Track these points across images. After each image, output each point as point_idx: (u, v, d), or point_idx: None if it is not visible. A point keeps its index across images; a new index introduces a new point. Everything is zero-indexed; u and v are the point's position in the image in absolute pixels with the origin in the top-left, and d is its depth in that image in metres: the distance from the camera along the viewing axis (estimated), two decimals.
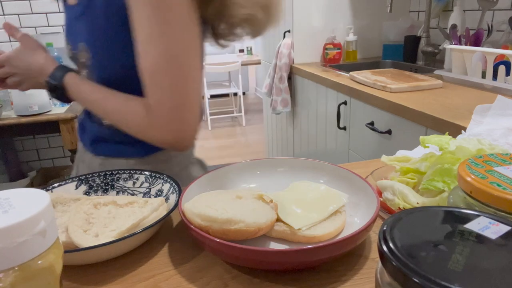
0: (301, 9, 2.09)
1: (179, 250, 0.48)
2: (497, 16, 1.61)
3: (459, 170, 0.36)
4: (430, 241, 0.25)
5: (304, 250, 0.38)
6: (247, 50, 4.76)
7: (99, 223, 0.48)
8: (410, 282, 0.22)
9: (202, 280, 0.42)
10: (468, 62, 1.38)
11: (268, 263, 0.41)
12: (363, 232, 0.41)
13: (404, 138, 1.26)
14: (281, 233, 0.46)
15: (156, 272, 0.44)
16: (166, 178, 0.58)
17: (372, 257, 0.44)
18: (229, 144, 4.06)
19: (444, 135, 0.54)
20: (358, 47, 2.18)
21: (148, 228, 0.45)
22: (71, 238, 0.45)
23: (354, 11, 2.15)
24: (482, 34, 1.47)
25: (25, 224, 0.23)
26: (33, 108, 1.80)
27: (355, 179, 0.53)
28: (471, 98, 1.23)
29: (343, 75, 1.74)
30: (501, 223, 0.27)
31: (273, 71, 2.28)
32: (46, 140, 2.53)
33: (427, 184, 0.47)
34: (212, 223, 0.42)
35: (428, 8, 1.86)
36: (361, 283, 0.40)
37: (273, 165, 0.61)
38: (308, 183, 0.55)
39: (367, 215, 0.46)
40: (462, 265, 0.23)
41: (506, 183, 0.33)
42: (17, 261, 0.23)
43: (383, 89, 1.39)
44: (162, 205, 0.51)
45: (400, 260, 0.23)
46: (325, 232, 0.45)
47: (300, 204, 0.49)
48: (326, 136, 1.88)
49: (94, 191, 0.60)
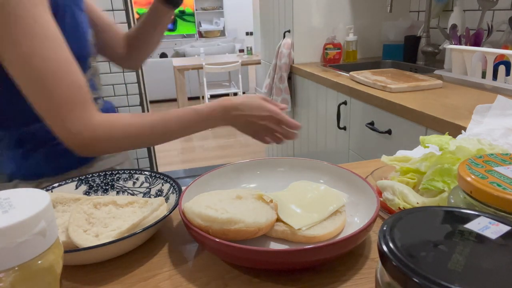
0: (301, 9, 2.09)
1: (179, 250, 0.48)
2: (497, 16, 1.61)
3: (459, 170, 0.36)
4: (430, 241, 0.25)
5: (304, 250, 0.38)
6: (247, 50, 4.76)
7: (99, 223, 0.48)
8: (410, 282, 0.22)
9: (202, 280, 0.42)
10: (468, 62, 1.38)
11: (268, 263, 0.41)
12: (363, 232, 0.41)
13: (404, 138, 1.26)
14: (281, 233, 0.46)
15: (156, 272, 0.44)
16: (166, 178, 0.58)
17: (372, 257, 0.44)
18: (229, 144, 4.06)
19: (444, 135, 0.54)
20: (358, 47, 2.17)
21: (148, 228, 0.45)
22: (71, 238, 0.45)
23: (354, 11, 2.15)
24: (482, 34, 1.47)
25: (25, 224, 0.23)
26: None
27: (355, 179, 0.53)
28: (471, 98, 1.23)
29: (343, 75, 1.74)
30: (501, 223, 0.27)
31: (273, 71, 2.28)
32: None
33: (427, 184, 0.47)
34: (212, 223, 0.42)
35: (428, 8, 1.86)
36: (361, 283, 0.40)
37: (273, 165, 0.61)
38: (308, 183, 0.55)
39: (367, 215, 0.46)
40: (462, 265, 0.22)
41: (506, 183, 0.33)
42: (17, 261, 0.23)
43: (383, 89, 1.39)
44: (162, 205, 0.51)
45: (400, 260, 0.23)
46: (325, 232, 0.45)
47: (300, 204, 0.49)
48: (326, 136, 1.88)
49: (94, 191, 0.60)
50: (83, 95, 0.62)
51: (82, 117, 0.61)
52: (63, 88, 0.60)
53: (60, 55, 0.60)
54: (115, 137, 0.64)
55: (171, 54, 6.36)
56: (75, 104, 0.61)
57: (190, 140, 4.25)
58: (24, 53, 0.58)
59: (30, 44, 0.58)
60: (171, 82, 5.41)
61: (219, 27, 7.89)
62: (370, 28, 2.20)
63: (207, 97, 4.48)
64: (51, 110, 0.60)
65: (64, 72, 0.60)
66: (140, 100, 2.60)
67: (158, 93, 5.68)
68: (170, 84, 5.50)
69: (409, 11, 2.20)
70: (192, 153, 3.85)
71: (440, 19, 1.93)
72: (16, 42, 0.57)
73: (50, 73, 0.59)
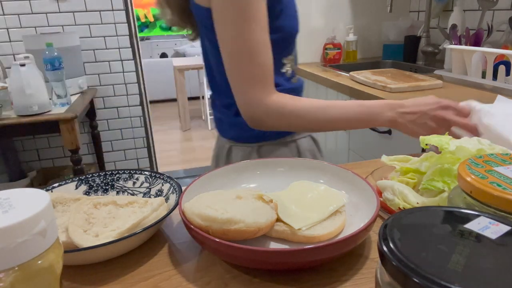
0: (301, 9, 2.08)
1: (179, 250, 0.48)
2: (497, 16, 1.61)
3: (459, 170, 0.36)
4: (430, 241, 0.25)
5: (304, 250, 0.38)
6: None
7: (99, 223, 0.48)
8: (410, 282, 0.22)
9: (202, 280, 0.42)
10: (468, 62, 1.38)
11: (268, 263, 0.41)
12: (363, 232, 0.41)
13: (404, 138, 1.26)
14: (281, 233, 0.46)
15: (156, 272, 0.44)
16: (166, 178, 0.58)
17: (372, 257, 0.44)
18: None
19: (444, 135, 0.54)
20: (358, 47, 2.18)
21: (148, 228, 0.45)
22: (71, 238, 0.45)
23: (354, 11, 2.15)
24: (482, 34, 1.47)
25: (25, 224, 0.23)
26: (33, 108, 1.80)
27: (355, 179, 0.53)
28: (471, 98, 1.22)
29: (343, 75, 1.74)
30: (501, 223, 0.27)
31: None
32: (46, 140, 2.53)
33: (427, 184, 0.47)
34: (212, 223, 0.42)
35: (428, 8, 1.86)
36: (361, 283, 0.40)
37: (273, 165, 0.61)
38: (308, 183, 0.55)
39: (367, 215, 0.46)
40: (462, 265, 0.22)
41: (506, 183, 0.33)
42: (17, 261, 0.23)
43: (383, 89, 1.39)
44: (162, 205, 0.51)
45: (400, 260, 0.23)
46: (325, 232, 0.45)
47: (300, 204, 0.49)
48: (326, 136, 1.88)
49: (94, 191, 0.60)
50: (266, 75, 0.71)
51: (261, 93, 0.71)
52: (252, 67, 0.69)
53: (259, 37, 0.69)
54: (284, 116, 0.73)
55: (171, 54, 6.36)
56: (257, 82, 0.70)
57: (190, 140, 4.25)
58: (232, 35, 0.68)
59: (240, 26, 0.67)
60: (171, 82, 5.41)
61: None
62: (370, 28, 2.20)
63: (207, 97, 4.48)
64: (238, 84, 0.72)
65: (257, 53, 0.69)
66: (140, 100, 2.60)
67: (158, 93, 5.68)
68: (170, 84, 5.50)
69: (409, 11, 2.20)
70: (192, 153, 3.85)
71: (440, 19, 1.93)
72: (228, 23, 0.68)
73: (246, 52, 0.69)
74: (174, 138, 4.33)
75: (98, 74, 2.49)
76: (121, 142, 2.67)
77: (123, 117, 2.61)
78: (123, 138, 2.66)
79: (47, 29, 2.31)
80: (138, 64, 2.53)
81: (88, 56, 2.42)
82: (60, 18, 2.33)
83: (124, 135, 2.66)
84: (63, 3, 2.31)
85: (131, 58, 2.50)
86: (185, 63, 4.55)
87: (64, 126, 1.84)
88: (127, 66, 2.51)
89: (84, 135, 2.57)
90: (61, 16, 2.33)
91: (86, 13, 2.35)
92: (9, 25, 2.27)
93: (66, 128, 1.85)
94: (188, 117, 4.62)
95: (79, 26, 2.36)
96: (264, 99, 0.71)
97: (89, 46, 2.41)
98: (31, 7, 2.27)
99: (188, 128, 4.61)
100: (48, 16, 2.31)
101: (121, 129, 2.64)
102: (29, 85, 1.75)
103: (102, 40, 2.42)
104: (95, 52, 2.44)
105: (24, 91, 1.75)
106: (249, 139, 0.86)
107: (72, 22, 2.35)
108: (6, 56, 2.29)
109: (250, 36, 0.68)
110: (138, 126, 2.65)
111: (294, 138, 0.88)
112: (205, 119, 4.76)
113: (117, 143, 2.66)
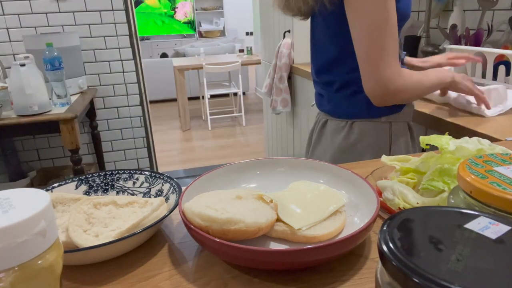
0: None
1: (179, 250, 0.48)
2: (497, 16, 1.61)
3: (459, 170, 0.36)
4: (430, 241, 0.25)
5: (304, 250, 0.38)
6: (247, 50, 4.76)
7: (99, 223, 0.48)
8: (410, 282, 0.22)
9: (202, 280, 0.42)
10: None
11: (268, 263, 0.41)
12: (363, 232, 0.41)
13: None
14: (281, 233, 0.46)
15: (156, 272, 0.44)
16: (166, 178, 0.58)
17: (372, 257, 0.44)
18: (229, 144, 4.06)
19: (444, 135, 0.54)
20: None
21: (148, 228, 0.45)
22: (71, 238, 0.45)
23: None
24: (482, 34, 1.47)
25: (25, 224, 0.23)
26: (33, 108, 1.80)
27: (355, 179, 0.53)
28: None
29: None
30: (501, 223, 0.27)
31: (273, 71, 2.28)
32: (46, 140, 2.53)
33: (427, 184, 0.47)
34: (212, 223, 0.42)
35: (428, 8, 1.86)
36: (361, 283, 0.40)
37: (273, 165, 0.61)
38: (308, 183, 0.55)
39: (367, 215, 0.46)
40: (462, 265, 0.22)
41: (506, 183, 0.33)
42: (17, 261, 0.23)
43: None
44: (162, 205, 0.51)
45: (400, 260, 0.23)
46: (325, 232, 0.45)
47: (300, 204, 0.49)
48: None
49: (94, 191, 0.60)
50: (397, 49, 0.82)
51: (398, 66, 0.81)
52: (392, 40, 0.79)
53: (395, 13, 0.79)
54: (415, 86, 0.85)
55: (171, 54, 6.36)
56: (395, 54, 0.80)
57: (190, 140, 4.25)
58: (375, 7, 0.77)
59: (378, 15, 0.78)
60: (171, 82, 5.41)
61: (219, 27, 7.89)
62: None
63: (207, 97, 4.48)
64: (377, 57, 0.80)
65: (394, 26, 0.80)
66: (140, 100, 2.60)
67: (158, 93, 5.68)
68: (170, 84, 5.50)
69: None
70: (192, 153, 3.85)
71: (440, 19, 1.93)
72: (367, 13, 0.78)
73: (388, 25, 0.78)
74: (174, 138, 4.33)
75: (98, 74, 2.49)
76: (121, 142, 2.67)
77: (123, 117, 2.61)
78: (123, 138, 2.67)
79: (47, 29, 2.32)
80: (138, 64, 2.53)
81: (88, 56, 2.43)
82: (60, 18, 2.33)
83: (124, 135, 2.66)
84: (63, 3, 2.31)
85: (131, 58, 2.50)
86: (185, 63, 4.55)
87: (64, 126, 1.84)
88: (127, 66, 2.51)
89: (84, 135, 2.57)
90: (61, 16, 2.33)
91: (86, 13, 2.35)
92: (9, 25, 2.27)
93: (66, 128, 1.85)
94: (188, 117, 4.62)
95: (79, 26, 2.36)
96: (401, 71, 0.81)
97: (89, 46, 2.42)
98: (31, 7, 2.27)
99: (188, 128, 4.61)
100: (48, 16, 2.31)
101: (121, 129, 2.64)
102: (29, 85, 1.75)
103: (102, 40, 2.43)
104: (95, 52, 2.44)
105: (24, 91, 1.75)
106: (342, 115, 0.98)
107: (72, 22, 2.35)
108: (6, 56, 2.29)
109: (389, 11, 0.78)
110: (138, 126, 2.65)
111: (390, 120, 0.95)
112: (205, 119, 4.75)
113: (117, 143, 2.67)
